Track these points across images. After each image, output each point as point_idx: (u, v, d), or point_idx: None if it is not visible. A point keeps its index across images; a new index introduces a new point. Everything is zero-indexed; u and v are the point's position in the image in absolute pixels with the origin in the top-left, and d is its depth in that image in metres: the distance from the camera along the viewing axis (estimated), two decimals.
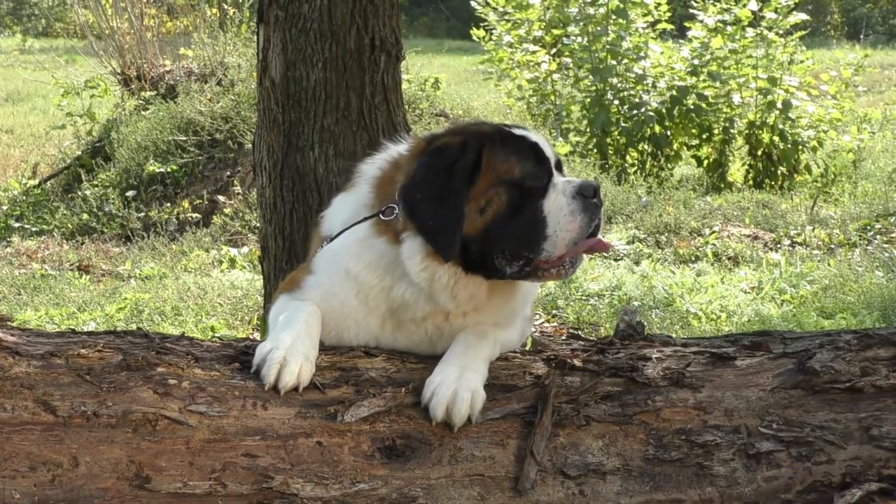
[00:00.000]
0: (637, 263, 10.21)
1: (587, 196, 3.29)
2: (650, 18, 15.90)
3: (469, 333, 3.37)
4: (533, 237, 3.27)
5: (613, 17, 15.18)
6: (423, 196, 3.29)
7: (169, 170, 12.93)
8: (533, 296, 3.66)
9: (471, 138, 3.39)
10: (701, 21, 15.46)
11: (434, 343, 3.43)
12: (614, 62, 15.16)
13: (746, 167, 14.98)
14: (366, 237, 3.42)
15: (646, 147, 14.95)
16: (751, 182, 14.65)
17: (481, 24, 17.58)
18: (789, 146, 14.61)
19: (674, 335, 4.97)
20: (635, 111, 14.83)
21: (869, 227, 11.38)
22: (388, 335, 3.44)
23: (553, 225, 3.27)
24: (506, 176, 3.32)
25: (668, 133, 14.92)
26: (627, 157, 14.95)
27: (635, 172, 14.45)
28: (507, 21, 17.08)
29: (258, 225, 7.13)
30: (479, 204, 3.30)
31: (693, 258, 10.52)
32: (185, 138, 13.17)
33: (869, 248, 10.61)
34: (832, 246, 10.85)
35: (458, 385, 3.15)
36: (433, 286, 3.32)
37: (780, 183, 14.55)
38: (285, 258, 5.64)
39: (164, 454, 2.98)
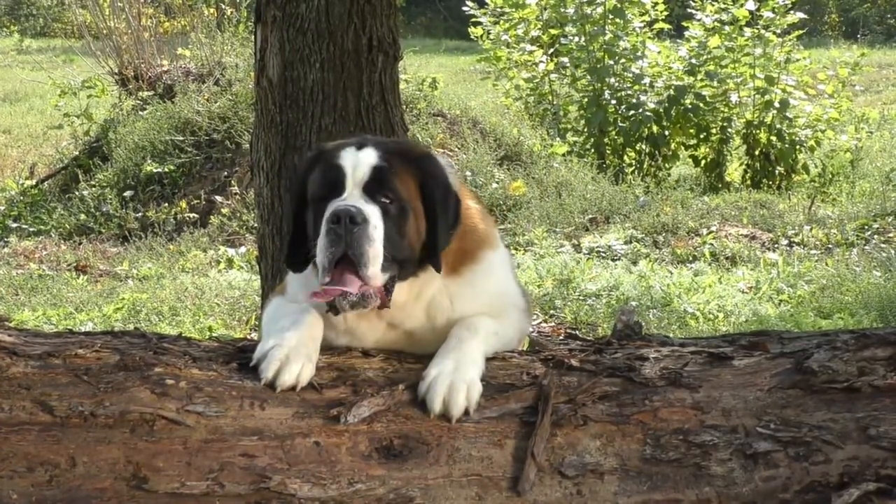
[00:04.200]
0: (635, 263, 10.22)
1: (331, 222, 3.17)
2: (647, 18, 15.92)
3: (461, 327, 3.37)
4: (319, 259, 3.23)
5: (611, 16, 15.21)
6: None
7: (166, 170, 12.93)
8: (505, 286, 3.60)
9: (301, 161, 3.50)
10: (698, 20, 15.48)
11: (415, 346, 3.43)
12: (612, 62, 15.18)
13: (744, 167, 15.00)
14: None
15: (643, 147, 14.97)
16: (748, 182, 14.67)
17: (479, 24, 17.61)
18: (787, 146, 14.64)
19: (671, 335, 4.97)
20: (633, 111, 14.85)
21: (866, 227, 11.39)
22: (353, 343, 3.44)
23: (318, 246, 3.22)
24: (309, 196, 3.36)
25: (666, 133, 14.94)
26: (625, 157, 14.97)
27: (633, 172, 14.46)
28: (506, 21, 17.10)
29: (256, 225, 7.12)
30: (306, 222, 3.36)
31: (691, 258, 10.52)
32: (182, 138, 13.17)
33: (866, 247, 10.62)
34: (830, 246, 10.86)
35: (454, 377, 3.16)
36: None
37: (777, 183, 14.57)
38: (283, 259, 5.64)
39: (162, 454, 2.97)
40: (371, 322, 3.39)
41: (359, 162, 3.29)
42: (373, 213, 3.20)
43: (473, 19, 17.62)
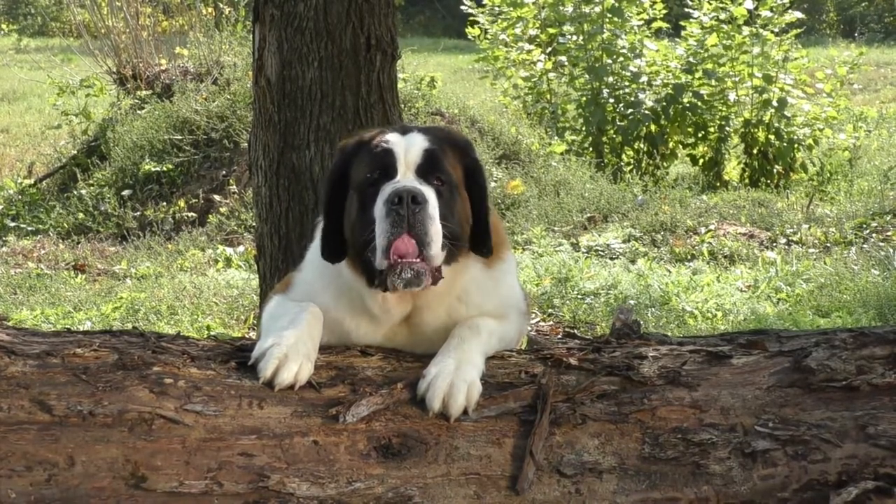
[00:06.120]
0: (633, 262, 10.22)
1: (392, 203, 3.16)
2: (645, 17, 15.92)
3: (463, 327, 3.38)
4: (367, 241, 3.22)
5: (609, 15, 15.20)
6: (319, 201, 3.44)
7: (165, 169, 12.93)
8: (513, 288, 3.64)
9: (340, 149, 3.50)
10: (696, 19, 15.47)
11: (423, 341, 3.43)
12: (610, 61, 15.18)
13: (742, 165, 15.00)
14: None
15: (641, 146, 14.97)
16: (747, 180, 14.66)
17: (476, 24, 17.61)
18: (785, 144, 14.62)
19: (670, 334, 4.97)
20: (631, 110, 14.84)
21: (865, 226, 11.38)
22: (372, 335, 3.45)
23: (377, 229, 3.19)
24: (354, 181, 3.36)
25: (664, 132, 14.94)
26: (623, 156, 14.97)
27: (631, 171, 14.47)
28: (503, 20, 17.10)
29: (254, 224, 7.13)
30: (346, 209, 3.36)
31: (689, 257, 10.52)
32: (180, 137, 13.16)
33: (865, 246, 10.62)
34: (828, 244, 10.86)
35: (454, 377, 3.16)
36: (360, 290, 3.36)
37: (775, 181, 14.57)
38: (281, 257, 5.64)
39: (160, 453, 2.97)
40: (396, 310, 3.40)
41: (410, 145, 3.32)
42: (430, 194, 3.23)
43: (471, 18, 17.62)
